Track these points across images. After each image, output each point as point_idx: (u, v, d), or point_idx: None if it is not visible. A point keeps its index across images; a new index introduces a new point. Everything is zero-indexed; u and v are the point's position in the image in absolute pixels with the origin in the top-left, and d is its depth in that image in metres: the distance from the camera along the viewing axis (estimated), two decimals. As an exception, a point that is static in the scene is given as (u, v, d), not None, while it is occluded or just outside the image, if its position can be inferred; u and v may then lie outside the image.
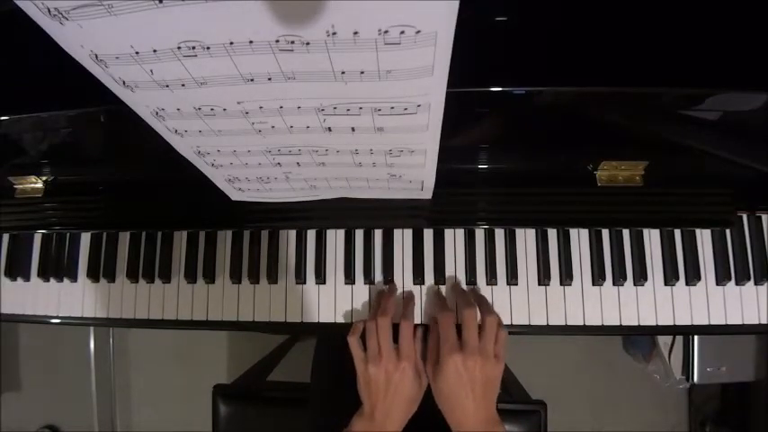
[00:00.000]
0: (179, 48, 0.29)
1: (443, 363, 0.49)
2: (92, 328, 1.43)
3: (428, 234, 0.60)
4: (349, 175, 0.48)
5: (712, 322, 0.57)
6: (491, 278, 0.59)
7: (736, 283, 0.58)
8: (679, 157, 0.55)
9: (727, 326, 0.57)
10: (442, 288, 0.59)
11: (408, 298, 0.59)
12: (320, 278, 0.60)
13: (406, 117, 0.36)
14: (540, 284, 0.58)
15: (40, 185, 0.64)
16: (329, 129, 0.39)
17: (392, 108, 0.35)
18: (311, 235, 0.61)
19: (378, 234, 0.61)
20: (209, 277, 0.62)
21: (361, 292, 0.60)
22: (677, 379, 1.11)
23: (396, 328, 0.53)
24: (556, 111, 0.46)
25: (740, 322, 0.57)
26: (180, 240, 0.64)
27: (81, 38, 0.29)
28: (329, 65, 0.31)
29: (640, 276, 0.57)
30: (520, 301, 0.58)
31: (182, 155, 0.44)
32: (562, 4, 0.43)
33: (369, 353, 0.52)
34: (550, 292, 0.58)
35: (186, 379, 1.44)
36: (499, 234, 0.60)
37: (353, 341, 0.53)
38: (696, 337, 1.07)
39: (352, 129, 0.39)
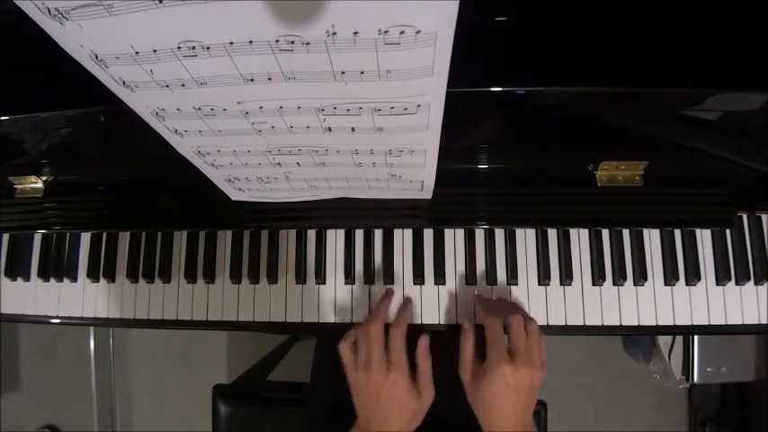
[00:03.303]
0: (179, 48, 0.29)
1: (492, 371, 0.47)
2: (92, 328, 1.43)
3: (428, 234, 0.60)
4: (349, 175, 0.48)
5: (712, 322, 0.57)
6: (491, 278, 0.59)
7: (736, 284, 0.58)
8: (679, 157, 0.55)
9: (727, 326, 0.57)
10: (442, 288, 0.59)
11: (404, 303, 0.58)
12: (320, 278, 0.60)
13: (406, 117, 0.36)
14: (540, 284, 0.58)
15: (40, 185, 0.64)
16: (329, 129, 0.39)
17: (392, 108, 0.35)
18: (311, 235, 0.61)
19: (378, 234, 0.61)
20: (209, 277, 0.62)
21: (361, 293, 0.60)
22: (677, 379, 1.11)
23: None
24: (556, 111, 0.46)
25: (740, 322, 0.57)
26: (180, 240, 0.64)
27: (81, 38, 0.29)
28: (329, 65, 0.30)
29: (640, 276, 0.57)
30: (520, 302, 0.58)
31: (182, 155, 0.44)
32: (562, 4, 0.44)
33: (358, 361, 0.49)
34: (550, 292, 0.58)
35: (186, 379, 1.44)
36: (499, 234, 0.60)
37: (344, 348, 0.51)
38: (696, 337, 1.07)
39: (352, 129, 0.39)
